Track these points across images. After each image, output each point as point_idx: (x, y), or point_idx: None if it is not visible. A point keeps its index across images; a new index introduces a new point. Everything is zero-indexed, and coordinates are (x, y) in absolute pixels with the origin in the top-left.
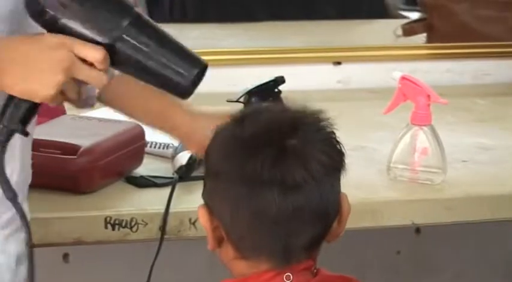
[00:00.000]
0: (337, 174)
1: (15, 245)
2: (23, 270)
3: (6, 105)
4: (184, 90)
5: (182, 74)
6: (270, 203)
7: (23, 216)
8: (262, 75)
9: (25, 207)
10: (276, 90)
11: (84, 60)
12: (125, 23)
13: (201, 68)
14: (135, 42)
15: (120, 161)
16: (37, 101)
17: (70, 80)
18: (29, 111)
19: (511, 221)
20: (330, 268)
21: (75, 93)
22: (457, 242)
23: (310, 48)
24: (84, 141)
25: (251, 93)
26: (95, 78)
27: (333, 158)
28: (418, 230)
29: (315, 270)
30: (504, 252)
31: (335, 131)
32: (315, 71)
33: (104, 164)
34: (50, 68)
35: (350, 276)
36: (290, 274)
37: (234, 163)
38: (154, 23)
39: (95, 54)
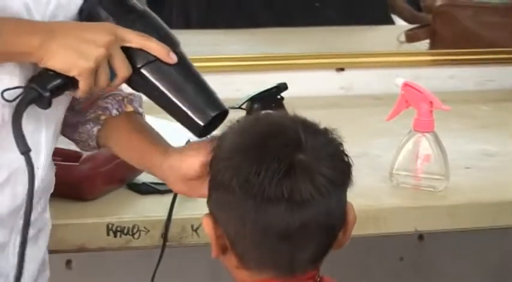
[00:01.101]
0: (345, 188)
1: (34, 250)
2: (43, 278)
3: (40, 74)
4: (197, 129)
5: (200, 114)
6: (277, 219)
7: (31, 170)
8: (264, 81)
9: (47, 215)
10: (279, 96)
11: None
12: None
13: (220, 112)
14: (161, 72)
15: (122, 168)
16: (73, 73)
17: (106, 61)
18: (61, 85)
19: None
20: (333, 275)
21: (106, 79)
22: (460, 249)
23: (313, 55)
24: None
25: (253, 100)
26: (126, 66)
27: (341, 172)
28: (421, 236)
29: (319, 279)
30: (507, 260)
31: (342, 142)
32: (317, 78)
33: (106, 170)
34: (94, 40)
35: None
36: None
37: (239, 177)
38: (188, 59)
39: (138, 39)
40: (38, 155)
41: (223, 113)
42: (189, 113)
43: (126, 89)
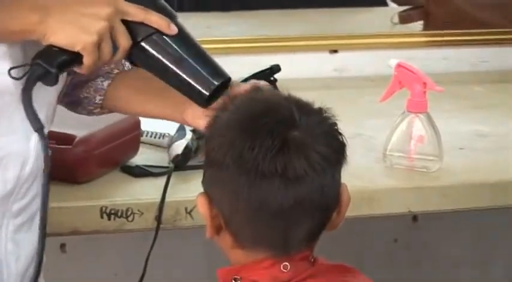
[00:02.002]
0: (339, 166)
1: (28, 235)
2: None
3: (45, 50)
4: (202, 99)
5: (204, 83)
6: (271, 195)
7: (46, 145)
8: (258, 63)
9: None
10: (272, 78)
11: None
12: None
13: (224, 80)
14: (162, 45)
15: (115, 151)
16: (77, 48)
17: (108, 34)
18: (66, 61)
19: (509, 208)
20: (327, 256)
21: (110, 52)
22: (454, 230)
23: (307, 37)
24: (79, 131)
25: (246, 82)
26: (127, 37)
27: (335, 150)
28: (415, 217)
29: (313, 260)
30: (501, 240)
31: (337, 122)
32: (311, 59)
33: (99, 153)
34: (95, 13)
35: (348, 265)
36: (287, 264)
37: (233, 153)
38: (187, 30)
39: (138, 12)
40: (28, 140)
41: (226, 81)
42: (193, 83)
43: None
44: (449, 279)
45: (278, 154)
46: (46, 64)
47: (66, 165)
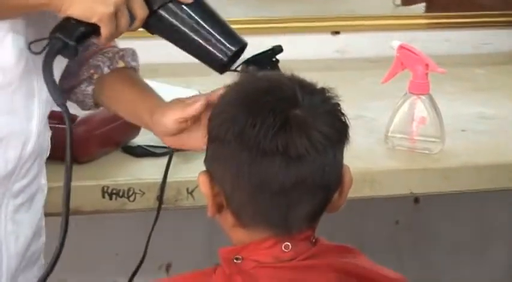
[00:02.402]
0: (341, 146)
1: (28, 215)
2: (38, 243)
3: (62, 23)
4: (221, 65)
5: (222, 49)
6: (272, 173)
7: (69, 118)
8: (260, 44)
9: (42, 180)
10: (274, 59)
11: None
12: None
13: (241, 46)
14: (179, 12)
15: (117, 131)
16: (94, 20)
17: (124, 5)
18: (84, 33)
19: (510, 190)
20: (329, 237)
21: (127, 22)
22: (456, 212)
23: (309, 18)
24: (81, 111)
25: (248, 63)
26: (143, 7)
27: (337, 130)
28: (416, 199)
29: (314, 240)
30: (502, 222)
31: (339, 102)
32: (313, 41)
33: (101, 133)
34: None
35: (350, 246)
36: (289, 244)
37: (235, 129)
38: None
39: None
40: (30, 120)
41: (243, 47)
42: (211, 49)
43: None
44: (450, 260)
45: (279, 132)
46: (65, 37)
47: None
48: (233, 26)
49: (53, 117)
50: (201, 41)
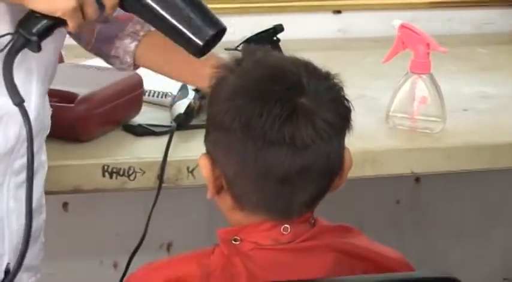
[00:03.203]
0: (344, 132)
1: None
2: (38, 220)
3: (26, 17)
4: (197, 49)
5: (197, 32)
6: (278, 162)
7: (28, 120)
8: (261, 23)
9: (43, 157)
10: (275, 38)
11: None
12: None
13: (218, 30)
14: None
15: (118, 109)
16: (58, 14)
17: None
18: (48, 27)
19: (511, 169)
20: (329, 218)
21: (94, 11)
22: (457, 191)
23: None
24: (81, 89)
25: (249, 42)
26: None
27: (341, 117)
28: (417, 179)
29: (313, 221)
30: (504, 201)
31: (343, 87)
32: (314, 20)
33: (101, 112)
34: None
35: (349, 226)
36: (288, 226)
37: (241, 119)
38: None
39: None
40: (29, 98)
41: (220, 31)
42: (188, 33)
43: None
44: (451, 240)
45: (286, 122)
46: (26, 33)
47: (68, 123)
48: (234, 5)
49: (53, 95)
50: (176, 23)
